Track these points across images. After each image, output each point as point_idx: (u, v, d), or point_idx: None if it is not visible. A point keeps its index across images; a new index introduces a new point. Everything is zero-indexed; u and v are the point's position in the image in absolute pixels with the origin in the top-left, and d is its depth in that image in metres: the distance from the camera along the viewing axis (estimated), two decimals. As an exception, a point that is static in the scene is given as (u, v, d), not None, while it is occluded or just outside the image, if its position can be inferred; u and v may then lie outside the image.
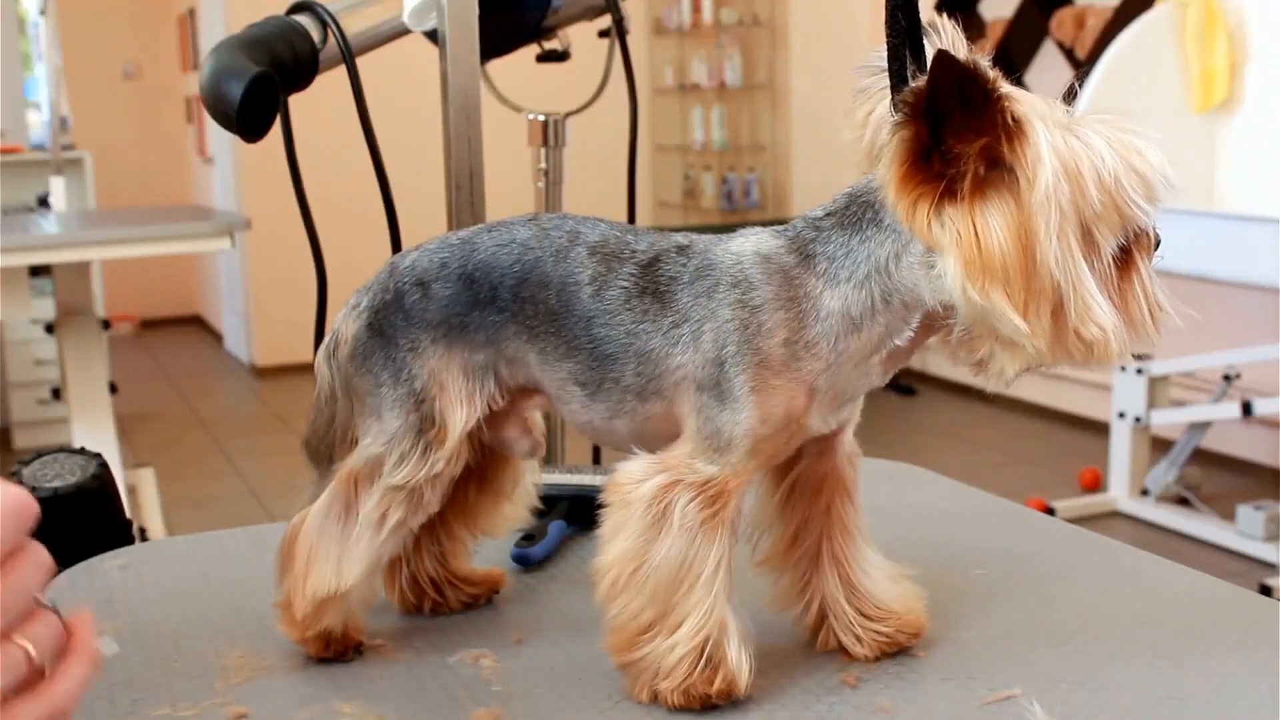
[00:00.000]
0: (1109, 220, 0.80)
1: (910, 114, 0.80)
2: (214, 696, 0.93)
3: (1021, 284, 0.79)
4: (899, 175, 0.81)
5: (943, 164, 0.80)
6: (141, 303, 8.65)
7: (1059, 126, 0.81)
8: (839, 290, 0.86)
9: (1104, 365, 0.83)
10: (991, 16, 5.69)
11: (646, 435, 0.93)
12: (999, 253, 0.79)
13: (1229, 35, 4.27)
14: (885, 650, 0.97)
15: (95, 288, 4.61)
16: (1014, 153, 0.79)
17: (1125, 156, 0.81)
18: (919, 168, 0.80)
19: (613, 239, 0.94)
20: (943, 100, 0.78)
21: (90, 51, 8.30)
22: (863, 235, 0.86)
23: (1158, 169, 0.81)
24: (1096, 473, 4.58)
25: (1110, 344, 0.81)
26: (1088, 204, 0.79)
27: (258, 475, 5.10)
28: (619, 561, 0.89)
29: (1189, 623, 1.02)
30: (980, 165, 0.80)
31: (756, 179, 7.19)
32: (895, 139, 0.80)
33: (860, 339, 0.87)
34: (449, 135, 1.34)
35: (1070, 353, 0.81)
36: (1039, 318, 0.80)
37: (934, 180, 0.80)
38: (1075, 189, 0.79)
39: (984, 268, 0.79)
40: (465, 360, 0.97)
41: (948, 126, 0.79)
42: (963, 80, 0.78)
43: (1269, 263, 3.46)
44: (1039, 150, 0.79)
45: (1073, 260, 0.79)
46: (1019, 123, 0.79)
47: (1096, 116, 0.82)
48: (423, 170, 2.88)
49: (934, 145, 0.80)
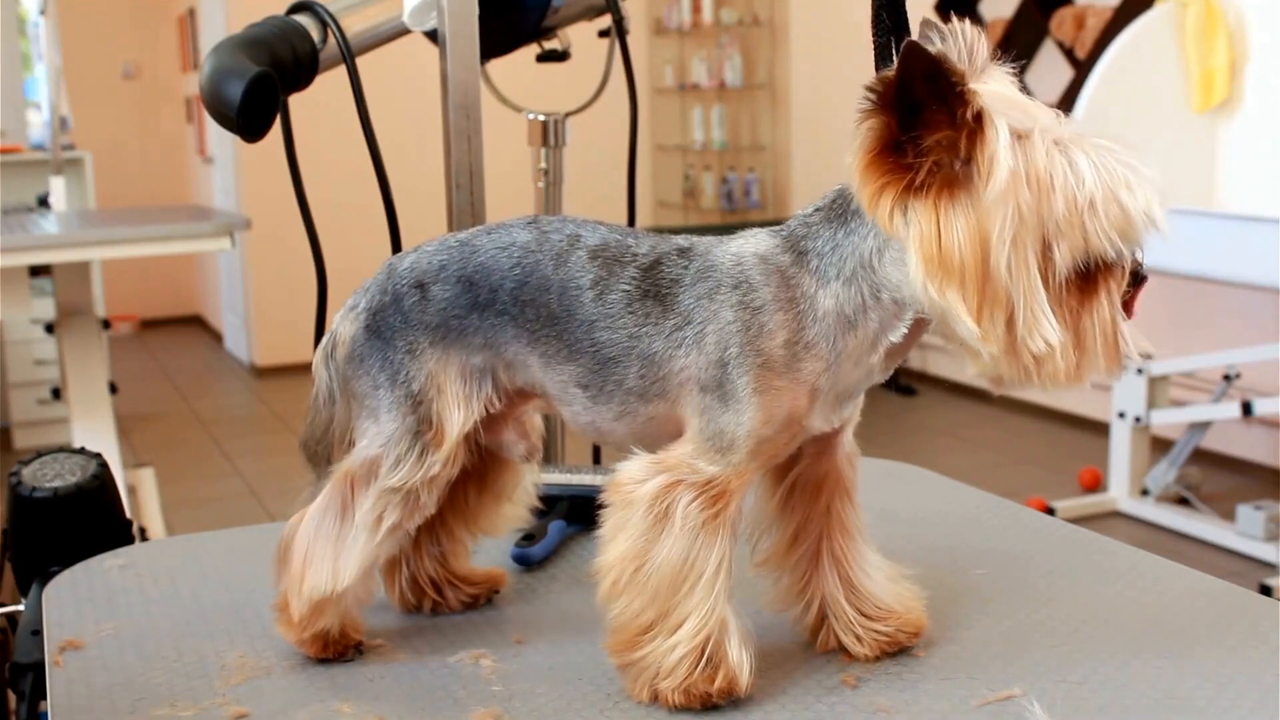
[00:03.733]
0: (1071, 240, 0.79)
1: (877, 103, 0.80)
2: (214, 696, 0.93)
3: (976, 286, 0.79)
4: (863, 163, 0.81)
5: (916, 156, 0.80)
6: (141, 303, 8.65)
7: (1044, 137, 0.80)
8: (830, 288, 0.86)
9: (1054, 384, 0.82)
10: (991, 16, 5.69)
11: (648, 436, 0.93)
12: (957, 252, 0.79)
13: (1229, 35, 4.27)
14: (886, 650, 0.97)
15: (95, 288, 4.60)
16: (973, 149, 0.79)
17: (1111, 185, 0.79)
18: (886, 157, 0.81)
19: (613, 242, 0.94)
20: (915, 91, 0.79)
21: (90, 51, 8.30)
22: (847, 229, 0.87)
23: (1143, 208, 0.79)
24: (1096, 473, 4.58)
25: (1056, 361, 0.80)
26: (1051, 217, 0.78)
27: (258, 475, 5.10)
28: (620, 561, 0.89)
29: (1189, 623, 1.02)
30: (950, 160, 0.80)
31: (756, 179, 7.19)
32: (863, 128, 0.81)
33: (857, 337, 0.87)
34: (449, 135, 1.34)
35: (1023, 365, 0.80)
36: (993, 324, 0.80)
37: (902, 171, 0.80)
38: (1040, 198, 0.78)
39: (942, 265, 0.79)
40: (463, 363, 0.96)
41: (921, 118, 0.79)
42: (932, 72, 0.78)
43: (1269, 263, 3.46)
44: (995, 149, 0.78)
45: (1026, 270, 0.79)
46: (980, 120, 0.79)
47: (1101, 141, 0.81)
48: (423, 170, 2.88)
49: (907, 136, 0.80)
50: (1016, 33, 5.54)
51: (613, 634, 0.91)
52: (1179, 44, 4.28)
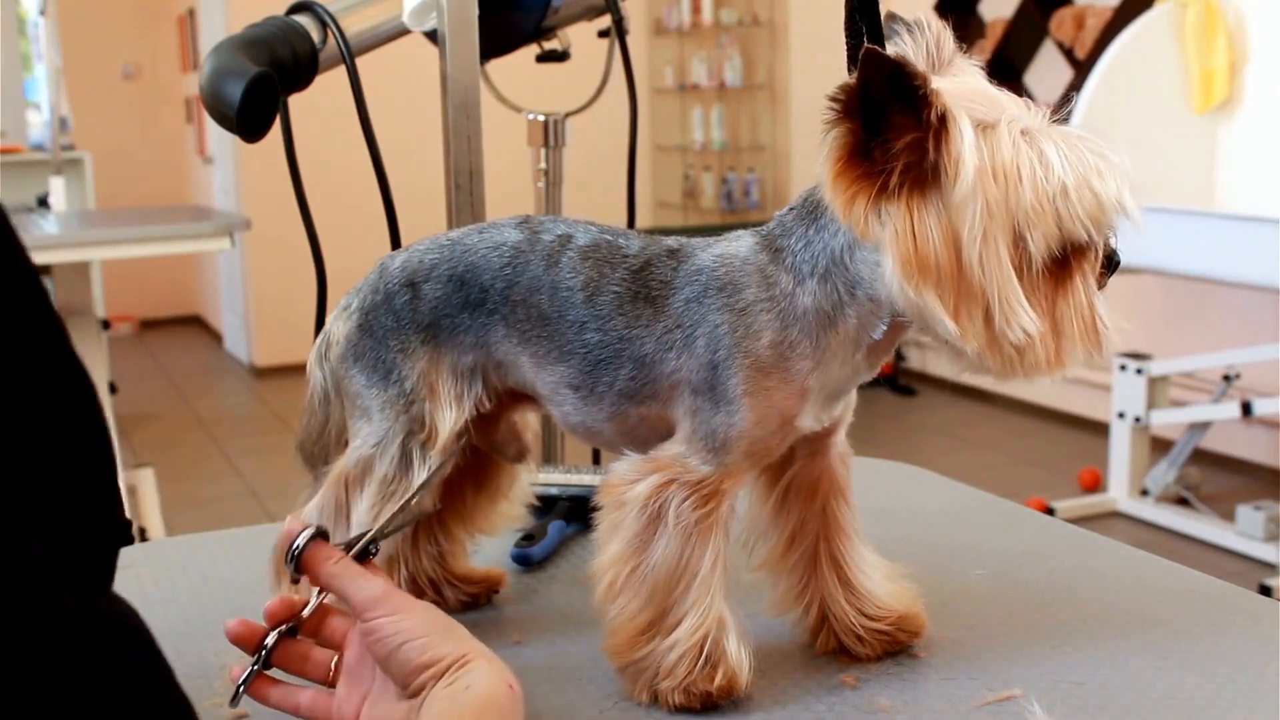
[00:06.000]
0: (1044, 228, 0.79)
1: (841, 110, 0.80)
2: (214, 696, 0.93)
3: (952, 285, 0.79)
4: (833, 171, 0.81)
5: (885, 160, 0.80)
6: (141, 303, 8.65)
7: (1012, 128, 0.80)
8: (806, 286, 0.86)
9: (1037, 374, 0.82)
10: (991, 16, 5.69)
11: (639, 436, 0.93)
12: (933, 251, 0.79)
13: (1229, 35, 4.27)
14: (887, 649, 0.97)
15: (95, 288, 4.60)
16: (939, 150, 0.79)
17: (1082, 171, 0.79)
18: (855, 164, 0.80)
19: (604, 243, 0.94)
20: (876, 94, 0.78)
21: (90, 51, 8.30)
22: (818, 226, 0.87)
23: (1114, 194, 0.80)
24: (1096, 473, 4.58)
25: (1037, 349, 0.80)
26: (1020, 208, 0.79)
27: (257, 475, 5.10)
28: (616, 563, 0.89)
29: (1189, 623, 1.02)
30: (918, 160, 0.79)
31: (756, 179, 7.19)
32: (829, 136, 0.81)
33: (838, 334, 0.87)
34: (449, 135, 1.34)
35: (1005, 358, 0.81)
36: (971, 320, 0.80)
37: (873, 175, 0.80)
38: (1007, 191, 0.79)
39: (919, 266, 0.79)
40: (455, 362, 0.96)
41: (886, 122, 0.79)
42: (892, 75, 0.78)
43: (1269, 263, 3.46)
44: (960, 148, 0.78)
45: (998, 262, 0.79)
46: (944, 120, 0.79)
47: (1069, 130, 0.82)
48: (422, 170, 2.88)
49: (874, 140, 0.80)
50: (1016, 33, 5.54)
51: (611, 635, 0.91)
52: (1179, 44, 4.28)
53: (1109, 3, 5.06)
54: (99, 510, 0.53)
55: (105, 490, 0.53)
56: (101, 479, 0.53)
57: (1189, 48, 4.26)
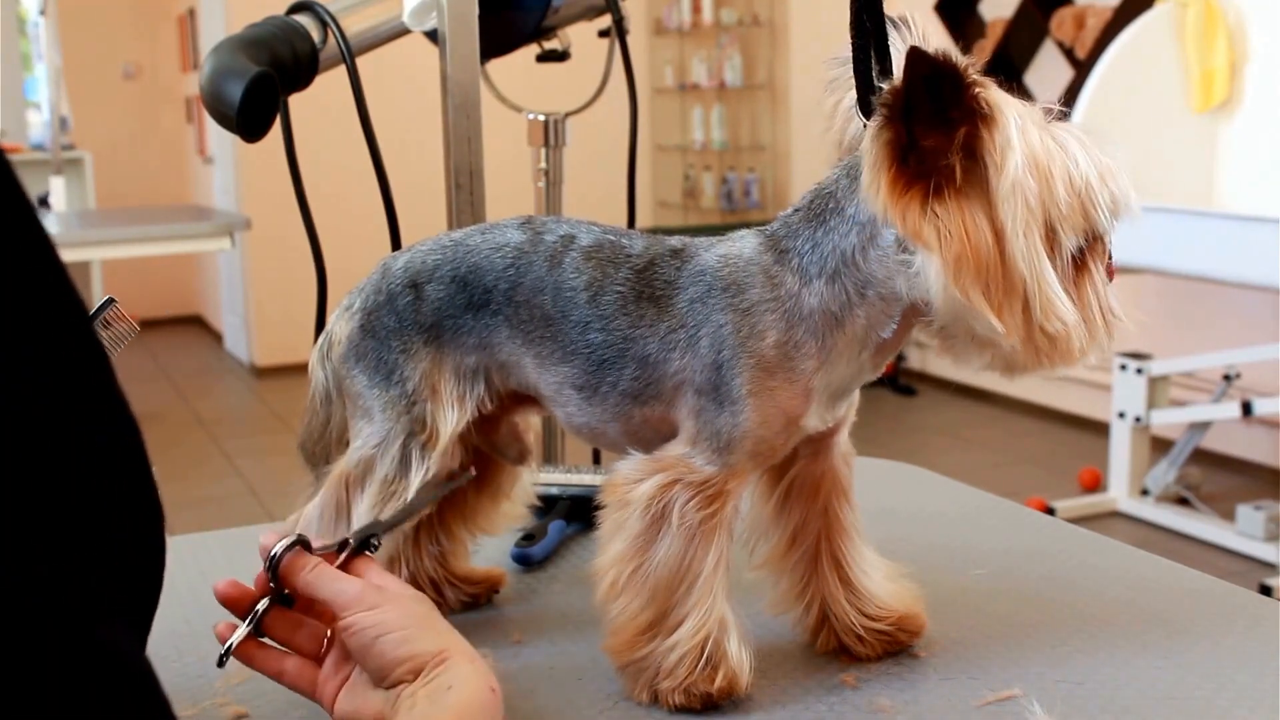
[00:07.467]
0: (1074, 221, 0.81)
1: (889, 115, 0.79)
2: (214, 696, 0.93)
3: (999, 283, 0.79)
4: (889, 179, 0.79)
5: (919, 163, 0.79)
6: (141, 303, 8.65)
7: (1034, 123, 0.81)
8: (813, 287, 0.86)
9: (1065, 363, 0.83)
10: (991, 16, 5.69)
11: (643, 437, 0.93)
12: (985, 250, 0.79)
13: (1229, 35, 4.27)
14: (887, 649, 0.97)
15: (95, 288, 4.60)
16: (987, 139, 0.79)
17: (1102, 166, 0.81)
18: (905, 169, 0.80)
19: (607, 244, 0.94)
20: (925, 95, 0.78)
21: (90, 51, 8.30)
22: (826, 227, 0.86)
23: (1127, 189, 0.82)
24: (1096, 473, 4.58)
25: (1071, 339, 0.81)
26: (1055, 202, 0.80)
27: (258, 475, 5.10)
28: (618, 562, 0.89)
29: (1189, 623, 1.02)
30: (962, 157, 0.79)
31: (756, 179, 7.19)
32: (877, 143, 0.79)
33: (845, 334, 0.87)
34: (449, 135, 1.34)
35: (1037, 349, 0.82)
36: (1012, 316, 0.80)
37: (922, 179, 0.80)
38: (1043, 185, 0.79)
39: (972, 267, 0.79)
40: (457, 363, 0.96)
41: (918, 123, 0.79)
42: (934, 74, 0.77)
43: (1269, 263, 3.46)
44: (1008, 135, 0.79)
45: (1037, 255, 0.80)
46: (991, 109, 0.79)
47: (1075, 128, 0.83)
48: (422, 170, 2.89)
49: (923, 142, 0.79)
50: (1016, 33, 5.54)
51: (612, 635, 0.91)
52: (1179, 44, 4.28)
53: (1109, 3, 5.06)
54: (138, 555, 0.52)
55: (149, 534, 0.52)
56: (145, 525, 0.52)
57: (1189, 48, 4.26)
